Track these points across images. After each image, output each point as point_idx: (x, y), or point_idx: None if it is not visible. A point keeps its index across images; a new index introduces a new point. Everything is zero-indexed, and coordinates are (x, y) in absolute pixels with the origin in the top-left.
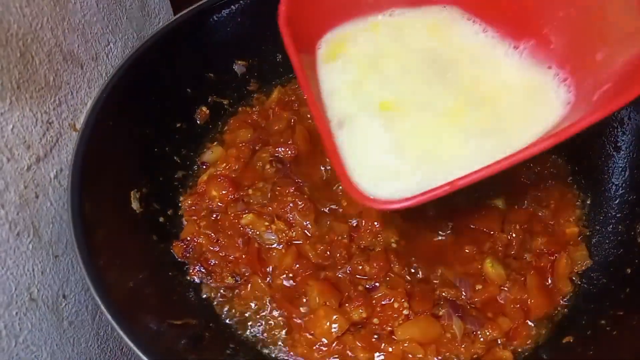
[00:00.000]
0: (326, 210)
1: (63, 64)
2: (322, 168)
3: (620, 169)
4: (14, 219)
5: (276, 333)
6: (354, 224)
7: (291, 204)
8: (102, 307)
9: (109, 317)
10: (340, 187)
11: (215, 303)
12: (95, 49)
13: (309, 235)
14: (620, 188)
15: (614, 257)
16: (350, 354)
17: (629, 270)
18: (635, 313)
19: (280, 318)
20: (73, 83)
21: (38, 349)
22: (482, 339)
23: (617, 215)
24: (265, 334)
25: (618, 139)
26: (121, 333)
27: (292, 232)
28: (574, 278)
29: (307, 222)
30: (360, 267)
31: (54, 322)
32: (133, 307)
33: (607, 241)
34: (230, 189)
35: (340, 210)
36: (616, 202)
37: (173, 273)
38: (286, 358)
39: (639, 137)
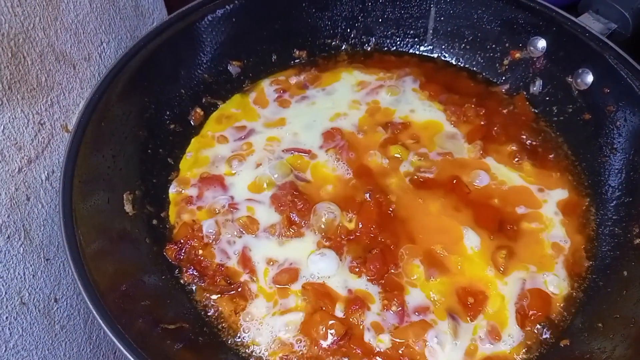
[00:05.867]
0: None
1: (55, 64)
2: None
3: (616, 171)
4: (4, 222)
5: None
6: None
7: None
8: (94, 311)
9: (101, 321)
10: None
11: (208, 306)
12: (88, 49)
13: None
14: (617, 190)
15: (611, 260)
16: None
17: (625, 273)
18: (632, 316)
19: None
20: (65, 84)
21: (29, 354)
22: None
23: (614, 218)
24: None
25: (614, 141)
26: (112, 337)
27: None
28: (571, 281)
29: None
30: (357, 269)
31: (46, 326)
32: (125, 311)
33: (604, 244)
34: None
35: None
36: (612, 204)
37: (166, 276)
38: None
39: (635, 139)
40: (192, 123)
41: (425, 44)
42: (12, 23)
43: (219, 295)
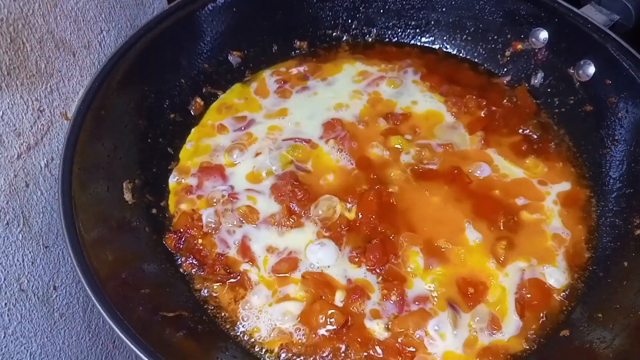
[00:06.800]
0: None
1: (55, 51)
2: None
3: (618, 162)
4: (3, 208)
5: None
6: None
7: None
8: (93, 299)
9: (100, 308)
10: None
11: (207, 295)
12: (88, 37)
13: None
14: (618, 181)
15: (611, 251)
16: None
17: (626, 264)
18: (632, 307)
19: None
20: (65, 71)
21: (28, 340)
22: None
23: (615, 209)
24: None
25: (616, 133)
26: (112, 324)
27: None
28: (571, 272)
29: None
30: (357, 259)
31: (45, 314)
32: (125, 299)
33: (604, 235)
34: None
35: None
36: (613, 195)
37: (165, 265)
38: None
39: (637, 130)
40: (192, 113)
41: (427, 35)
42: (11, 8)
43: (219, 284)
